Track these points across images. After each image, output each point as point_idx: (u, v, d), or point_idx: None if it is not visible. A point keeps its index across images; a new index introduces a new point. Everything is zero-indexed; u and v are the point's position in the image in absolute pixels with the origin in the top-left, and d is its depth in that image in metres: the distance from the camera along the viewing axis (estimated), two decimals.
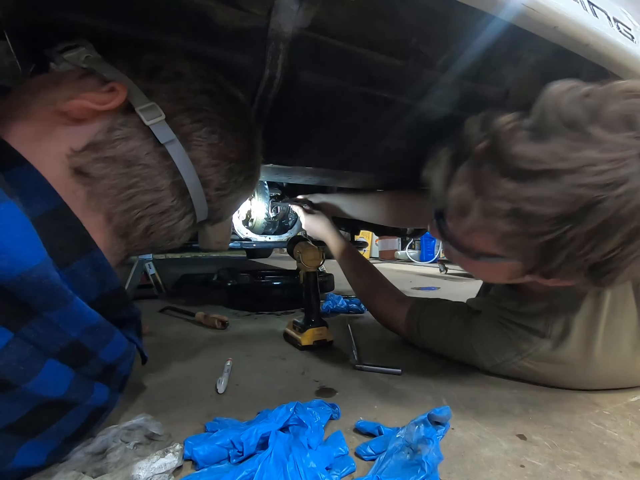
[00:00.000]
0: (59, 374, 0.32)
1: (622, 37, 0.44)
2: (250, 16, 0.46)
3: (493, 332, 0.62)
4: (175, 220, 0.41)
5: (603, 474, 0.39)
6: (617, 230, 0.38)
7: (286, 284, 1.21)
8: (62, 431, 0.34)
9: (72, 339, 0.32)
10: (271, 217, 1.29)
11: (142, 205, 0.38)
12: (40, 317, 0.29)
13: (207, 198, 0.42)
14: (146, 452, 0.38)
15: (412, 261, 3.78)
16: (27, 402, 0.30)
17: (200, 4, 0.44)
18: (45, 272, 0.28)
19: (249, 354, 0.75)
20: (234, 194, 0.46)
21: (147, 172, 0.37)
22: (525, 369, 0.60)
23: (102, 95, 0.36)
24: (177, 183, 0.39)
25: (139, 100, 0.37)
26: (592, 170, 0.36)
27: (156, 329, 0.93)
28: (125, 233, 0.39)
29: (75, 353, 0.32)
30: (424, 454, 0.37)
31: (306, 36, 0.49)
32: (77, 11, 0.41)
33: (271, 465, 0.36)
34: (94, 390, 0.36)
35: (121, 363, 0.40)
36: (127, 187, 0.37)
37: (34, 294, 0.28)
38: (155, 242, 0.42)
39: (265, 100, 0.56)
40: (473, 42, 0.50)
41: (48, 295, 0.29)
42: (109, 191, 0.36)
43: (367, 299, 0.88)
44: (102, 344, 0.35)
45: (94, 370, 0.35)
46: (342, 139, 0.74)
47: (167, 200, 0.39)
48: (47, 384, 0.30)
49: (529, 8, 0.37)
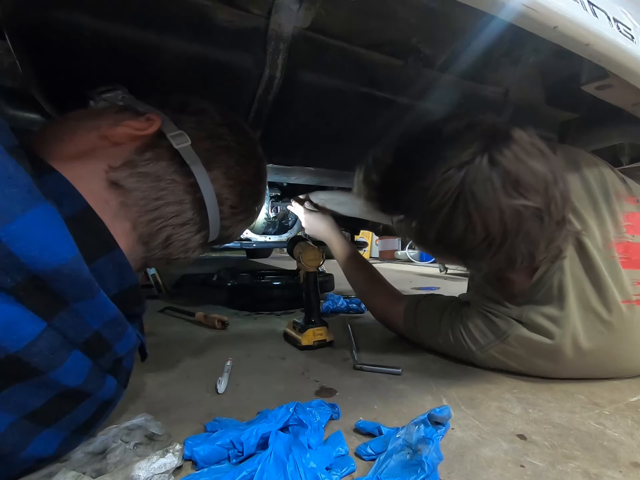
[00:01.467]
0: (81, 365, 0.35)
1: (622, 37, 0.44)
2: (250, 16, 0.46)
3: (480, 318, 0.65)
4: (192, 234, 0.45)
5: (603, 474, 0.39)
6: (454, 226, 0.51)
7: (286, 284, 1.22)
8: (73, 422, 0.36)
9: (94, 330, 0.35)
10: (271, 217, 1.29)
11: (165, 215, 0.43)
12: (69, 308, 0.32)
13: (221, 216, 0.46)
14: (146, 452, 0.38)
15: (412, 261, 3.78)
16: (49, 389, 0.33)
17: (200, 4, 0.44)
18: (78, 265, 0.32)
19: (249, 354, 0.75)
20: (243, 214, 0.50)
21: (173, 187, 0.42)
22: (507, 352, 0.62)
23: (141, 123, 0.42)
24: (197, 199, 0.44)
25: (170, 128, 0.43)
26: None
27: (156, 329, 0.93)
28: (147, 241, 0.43)
29: (96, 345, 0.36)
30: (424, 454, 0.37)
31: (306, 36, 0.49)
32: (77, 12, 0.41)
33: (271, 465, 0.36)
34: (106, 382, 0.39)
35: (127, 357, 0.42)
36: (155, 199, 0.42)
37: (67, 285, 0.31)
38: (172, 254, 0.46)
39: (265, 100, 0.56)
40: (473, 42, 0.50)
41: (79, 286, 0.32)
42: (139, 202, 0.41)
43: (368, 299, 0.89)
44: (117, 336, 0.38)
45: (107, 362, 0.38)
46: (342, 139, 0.74)
47: (188, 213, 0.44)
48: (70, 373, 0.33)
49: (529, 8, 0.37)
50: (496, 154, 0.47)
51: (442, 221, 0.50)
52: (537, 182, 0.48)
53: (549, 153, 0.51)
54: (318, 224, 0.96)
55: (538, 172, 0.48)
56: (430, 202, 0.49)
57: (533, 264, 0.56)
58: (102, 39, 0.45)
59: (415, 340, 0.77)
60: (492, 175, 0.47)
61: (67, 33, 0.43)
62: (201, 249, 0.49)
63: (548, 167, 0.49)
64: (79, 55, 0.47)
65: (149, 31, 0.46)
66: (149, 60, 0.50)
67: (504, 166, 0.47)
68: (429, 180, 0.49)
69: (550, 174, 0.49)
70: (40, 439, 0.34)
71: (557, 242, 0.53)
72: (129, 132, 0.41)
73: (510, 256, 0.51)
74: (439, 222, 0.50)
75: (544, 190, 0.48)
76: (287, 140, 0.70)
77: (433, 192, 0.49)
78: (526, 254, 0.51)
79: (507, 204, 0.47)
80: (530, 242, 0.50)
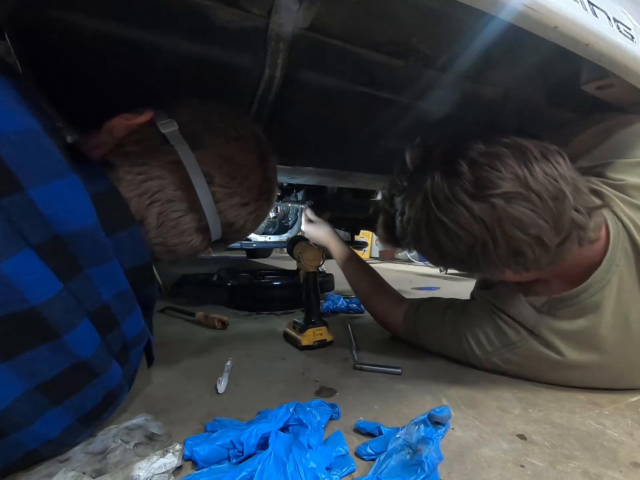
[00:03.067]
0: (90, 335, 0.37)
1: (622, 37, 0.44)
2: (250, 16, 0.46)
3: (486, 320, 0.63)
4: (182, 213, 0.46)
5: (603, 474, 0.39)
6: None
7: (286, 284, 1.21)
8: (81, 406, 0.38)
9: (103, 302, 0.38)
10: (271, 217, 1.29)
11: (150, 189, 0.44)
12: (83, 274, 0.36)
13: (214, 198, 0.46)
14: (146, 452, 0.38)
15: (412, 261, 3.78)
16: (63, 357, 0.35)
17: (201, 4, 0.44)
18: (97, 229, 0.36)
19: (249, 354, 0.75)
20: (241, 196, 0.48)
21: (152, 161, 0.44)
22: (510, 361, 0.61)
23: (134, 115, 0.45)
24: (181, 177, 0.45)
25: (161, 117, 0.46)
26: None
27: (156, 329, 0.93)
28: (141, 218, 0.44)
29: (104, 317, 0.38)
30: (424, 454, 0.37)
31: (306, 36, 0.49)
32: (77, 11, 0.41)
33: (271, 465, 0.36)
34: (112, 366, 0.40)
35: (134, 347, 0.44)
36: (138, 173, 0.44)
37: (84, 248, 0.35)
38: (167, 236, 0.46)
39: (265, 100, 0.56)
40: (473, 42, 0.50)
41: (94, 250, 0.36)
42: (126, 176, 0.44)
43: (368, 301, 0.89)
44: (125, 313, 0.41)
45: (115, 342, 0.40)
46: (342, 139, 0.74)
47: (170, 188, 0.45)
48: (81, 340, 0.36)
49: (529, 8, 0.37)
50: (448, 169, 0.49)
51: (427, 240, 0.52)
52: (501, 170, 0.47)
53: (517, 143, 0.49)
54: (317, 230, 0.97)
55: (497, 160, 0.47)
56: (409, 227, 0.53)
57: (558, 255, 0.50)
58: (102, 39, 0.45)
59: (416, 344, 0.77)
60: (447, 184, 0.48)
61: (67, 33, 0.43)
62: (200, 235, 0.48)
63: (509, 150, 0.48)
64: (79, 55, 0.47)
65: (149, 31, 0.47)
66: (149, 60, 0.50)
67: (458, 173, 0.48)
68: (402, 209, 0.54)
69: (513, 157, 0.47)
70: (47, 417, 0.35)
71: (568, 216, 0.48)
72: (122, 123, 0.44)
73: (515, 248, 0.48)
74: (426, 242, 0.52)
75: (513, 174, 0.46)
76: (287, 140, 0.69)
77: (406, 218, 0.53)
78: (532, 240, 0.47)
79: (472, 203, 0.47)
80: (528, 225, 0.47)
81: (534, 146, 0.49)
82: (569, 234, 0.49)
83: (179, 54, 0.50)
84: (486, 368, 0.65)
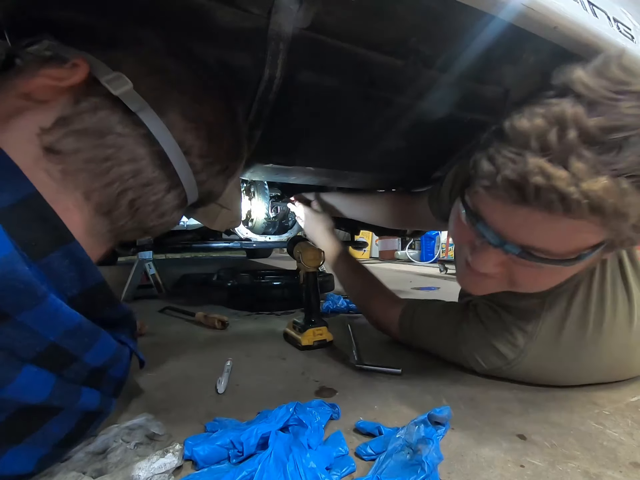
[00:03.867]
0: (38, 379, 0.30)
1: (622, 37, 0.44)
2: (250, 16, 0.46)
3: (482, 340, 0.61)
4: (162, 194, 0.39)
5: (603, 474, 0.39)
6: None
7: (286, 284, 1.21)
8: (50, 437, 0.33)
9: (50, 342, 0.30)
10: (271, 217, 1.29)
11: (121, 177, 0.36)
12: (14, 321, 0.27)
13: (193, 169, 0.40)
14: (147, 452, 0.38)
15: (412, 261, 3.79)
16: (5, 407, 0.29)
17: (201, 4, 0.44)
18: (12, 266, 0.26)
19: (249, 354, 0.75)
20: (220, 162, 0.43)
21: (122, 141, 0.36)
22: (516, 374, 0.60)
23: (63, 71, 0.35)
24: (156, 152, 0.37)
25: (103, 71, 0.36)
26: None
27: (156, 329, 0.93)
28: (108, 210, 0.37)
29: (55, 357, 0.31)
30: (424, 454, 0.37)
31: (306, 36, 0.49)
32: (77, 10, 0.41)
33: (271, 465, 0.36)
34: (82, 395, 0.34)
35: (112, 366, 0.38)
36: (104, 159, 0.35)
37: (2, 292, 0.26)
38: (144, 220, 0.40)
39: (265, 100, 0.56)
40: (473, 42, 0.50)
41: (17, 292, 0.26)
42: (85, 166, 0.35)
43: (362, 303, 0.87)
44: (85, 347, 0.33)
45: (78, 374, 0.34)
46: (342, 139, 0.74)
47: (148, 170, 0.37)
48: (26, 389, 0.29)
49: (529, 8, 0.37)
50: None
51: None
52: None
53: None
54: (315, 225, 0.96)
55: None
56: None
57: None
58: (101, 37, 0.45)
59: (413, 345, 0.76)
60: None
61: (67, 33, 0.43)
62: (179, 210, 0.43)
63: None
64: None
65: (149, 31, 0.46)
66: None
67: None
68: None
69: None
70: (12, 456, 0.30)
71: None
72: (48, 84, 0.34)
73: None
74: None
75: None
76: (287, 140, 0.70)
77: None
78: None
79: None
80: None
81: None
82: None
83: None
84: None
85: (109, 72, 0.36)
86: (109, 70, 0.36)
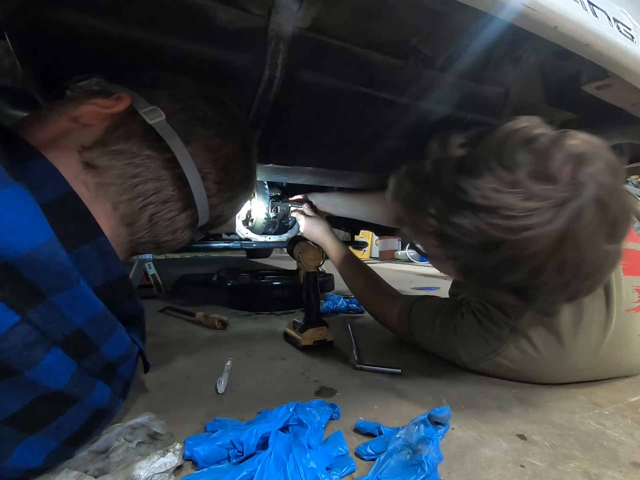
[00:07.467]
0: (62, 364, 0.32)
1: (622, 37, 0.44)
2: (250, 16, 0.46)
3: (473, 330, 0.64)
4: (177, 212, 0.44)
5: (603, 474, 0.39)
6: (519, 266, 0.42)
7: (286, 284, 1.21)
8: (62, 431, 0.34)
9: (76, 328, 0.33)
10: (271, 217, 1.29)
11: (145, 193, 0.41)
12: (48, 301, 0.30)
13: (207, 193, 0.45)
14: (148, 451, 0.39)
15: (412, 261, 3.78)
16: (28, 391, 0.31)
17: (201, 4, 0.44)
18: (53, 250, 0.30)
19: (249, 354, 0.75)
20: (231, 190, 0.48)
21: (148, 162, 0.41)
22: (500, 365, 0.62)
23: (109, 101, 0.41)
24: (177, 175, 0.42)
25: (142, 105, 0.42)
26: (505, 214, 0.40)
27: (156, 329, 0.93)
28: (130, 222, 0.42)
29: (78, 343, 0.33)
30: (424, 454, 0.37)
31: (306, 36, 0.49)
32: (78, 12, 0.41)
33: (271, 465, 0.36)
34: (96, 388, 0.36)
35: (122, 364, 0.40)
36: (132, 176, 0.40)
37: (42, 273, 0.29)
38: (159, 235, 0.45)
39: (265, 100, 0.56)
40: (473, 42, 0.50)
41: (55, 275, 0.30)
42: (116, 180, 0.40)
43: (364, 299, 0.89)
44: (104, 336, 0.36)
45: (95, 365, 0.36)
46: (342, 139, 0.74)
47: (168, 189, 0.42)
48: (50, 373, 0.31)
49: (529, 8, 0.37)
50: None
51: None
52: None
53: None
54: (313, 228, 0.97)
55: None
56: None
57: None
58: (102, 38, 0.45)
59: (411, 343, 0.77)
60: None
61: (67, 33, 0.43)
62: (190, 230, 0.47)
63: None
64: (79, 55, 0.47)
65: (149, 31, 0.46)
66: (149, 60, 0.50)
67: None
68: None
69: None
70: (24, 447, 0.32)
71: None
72: (95, 110, 0.40)
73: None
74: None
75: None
76: (287, 140, 0.69)
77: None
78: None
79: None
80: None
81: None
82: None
83: (179, 53, 0.50)
84: (478, 371, 0.65)
85: (146, 106, 0.42)
86: (146, 104, 0.42)
